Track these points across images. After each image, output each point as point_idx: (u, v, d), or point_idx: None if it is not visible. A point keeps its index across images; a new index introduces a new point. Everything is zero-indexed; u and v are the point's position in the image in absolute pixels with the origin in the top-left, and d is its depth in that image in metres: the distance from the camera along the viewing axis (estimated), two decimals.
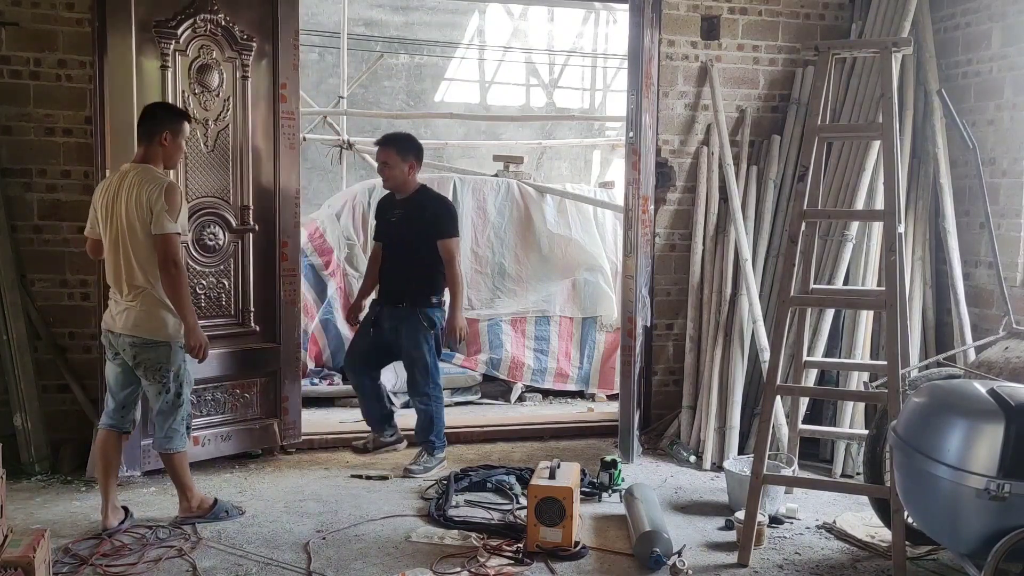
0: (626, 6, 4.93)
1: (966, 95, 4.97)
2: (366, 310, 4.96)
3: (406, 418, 5.08)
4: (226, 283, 4.68)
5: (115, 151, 4.26)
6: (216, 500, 4.00)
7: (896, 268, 3.64)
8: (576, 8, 12.19)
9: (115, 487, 3.85)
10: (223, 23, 4.56)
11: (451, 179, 6.93)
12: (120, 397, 3.87)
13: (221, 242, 4.62)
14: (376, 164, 5.04)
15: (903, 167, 4.81)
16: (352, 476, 4.57)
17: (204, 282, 4.60)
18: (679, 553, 3.58)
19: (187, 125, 3.92)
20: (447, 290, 4.82)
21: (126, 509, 3.90)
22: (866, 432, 4.15)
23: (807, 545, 3.86)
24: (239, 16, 4.61)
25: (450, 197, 6.80)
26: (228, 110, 4.62)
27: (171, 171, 3.98)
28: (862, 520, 4.06)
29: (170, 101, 4.41)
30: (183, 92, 4.48)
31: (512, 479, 4.43)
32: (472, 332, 6.62)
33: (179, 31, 4.43)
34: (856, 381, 4.78)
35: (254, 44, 4.66)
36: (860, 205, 4.88)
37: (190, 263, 4.54)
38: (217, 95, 4.58)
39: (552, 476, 3.75)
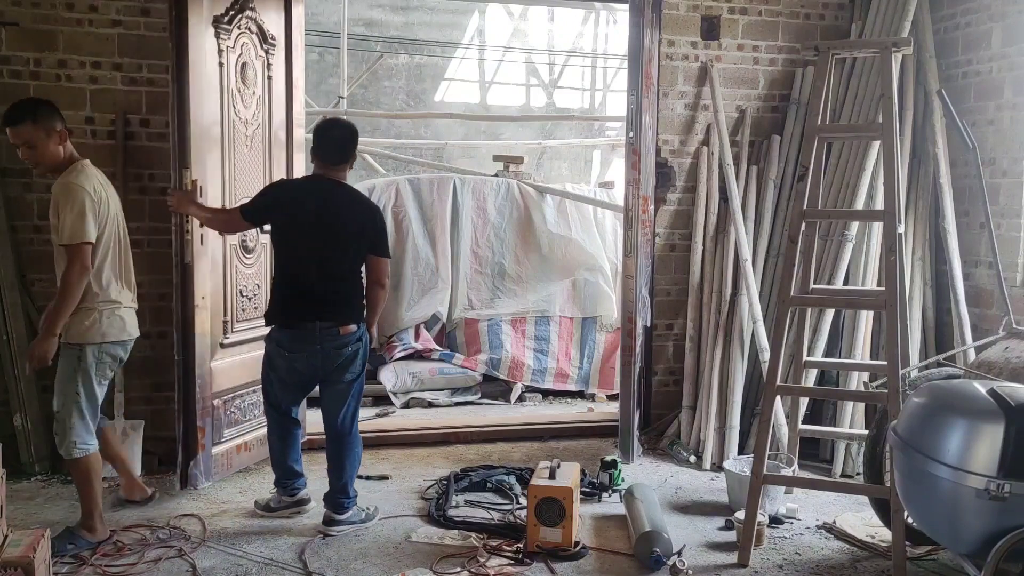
0: (626, 6, 4.92)
1: (966, 95, 4.97)
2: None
3: (405, 419, 5.07)
4: (260, 285, 4.63)
5: (197, 153, 4.12)
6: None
7: (896, 268, 3.64)
8: (576, 8, 12.19)
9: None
10: (259, 21, 4.50)
11: (451, 179, 6.93)
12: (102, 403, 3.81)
13: (256, 244, 4.56)
14: (376, 164, 5.01)
15: (903, 167, 4.81)
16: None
17: (247, 284, 4.55)
18: (679, 553, 3.58)
19: None
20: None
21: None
22: (866, 432, 4.16)
23: (807, 545, 3.86)
24: (268, 15, 4.57)
25: (450, 197, 6.83)
26: (259, 109, 4.57)
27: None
28: (862, 520, 4.06)
29: (225, 98, 4.29)
30: (232, 90, 4.36)
31: (512, 479, 4.43)
32: (472, 332, 6.64)
33: (231, 27, 4.34)
34: (856, 381, 4.78)
35: (276, 43, 4.62)
36: (860, 205, 4.88)
37: (238, 265, 4.49)
38: (253, 94, 4.52)
39: (552, 476, 3.75)
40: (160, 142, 4.66)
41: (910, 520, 3.41)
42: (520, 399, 6.38)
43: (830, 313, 4.88)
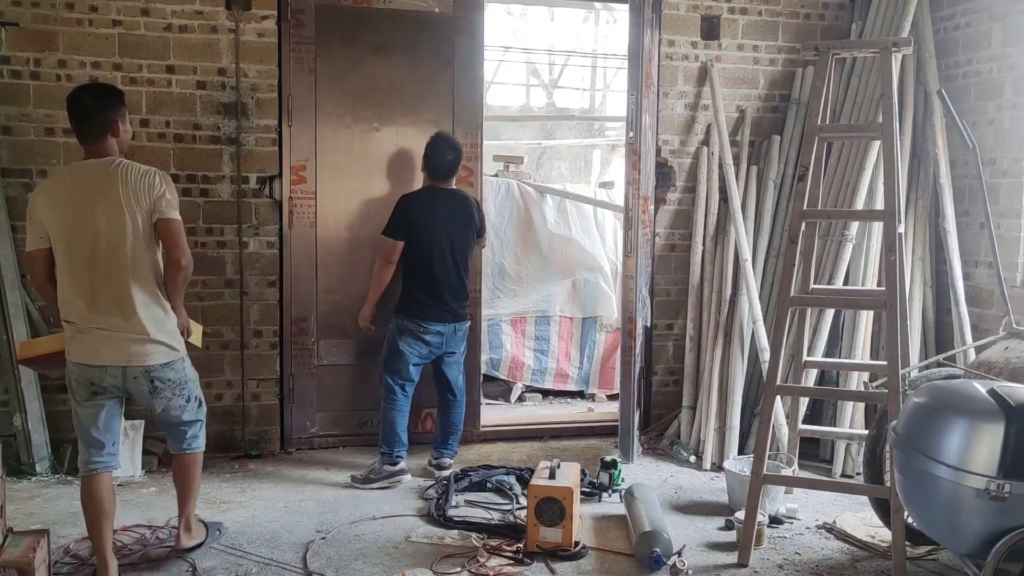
0: (626, 6, 4.93)
1: (966, 95, 4.97)
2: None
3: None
4: None
5: None
6: (206, 524, 3.74)
7: (896, 268, 3.64)
8: (576, 8, 12.19)
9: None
10: None
11: None
12: (112, 435, 3.40)
13: None
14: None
15: (903, 167, 4.81)
16: (352, 476, 4.57)
17: None
18: (679, 553, 3.58)
19: None
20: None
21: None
22: (866, 432, 4.15)
23: (807, 545, 3.86)
24: None
25: None
26: None
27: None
28: (862, 520, 4.06)
29: None
30: None
31: (512, 479, 4.43)
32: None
33: None
34: (856, 381, 4.78)
35: None
36: (860, 205, 4.88)
37: None
38: None
39: (552, 476, 3.75)
40: (160, 142, 4.66)
41: (910, 520, 3.41)
42: (520, 399, 6.38)
43: (830, 313, 4.88)
